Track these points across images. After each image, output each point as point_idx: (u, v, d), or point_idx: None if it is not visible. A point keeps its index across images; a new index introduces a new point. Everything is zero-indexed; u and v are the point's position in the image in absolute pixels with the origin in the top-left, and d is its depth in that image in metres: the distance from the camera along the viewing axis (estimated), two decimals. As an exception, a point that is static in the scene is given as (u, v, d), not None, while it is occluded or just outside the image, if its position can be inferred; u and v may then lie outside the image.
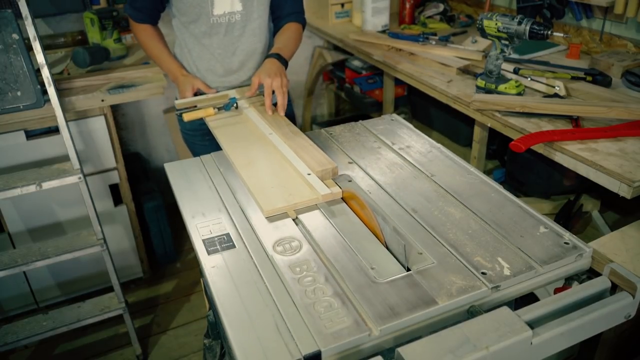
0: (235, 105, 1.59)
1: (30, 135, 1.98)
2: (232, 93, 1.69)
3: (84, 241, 1.89)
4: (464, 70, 2.00)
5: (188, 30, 1.66)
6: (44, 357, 2.13)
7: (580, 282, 1.02)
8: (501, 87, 1.72)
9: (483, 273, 0.95)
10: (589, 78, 1.78)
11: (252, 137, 1.44)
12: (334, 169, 1.24)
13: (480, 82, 1.77)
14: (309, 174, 1.23)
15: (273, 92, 1.54)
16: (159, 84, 2.03)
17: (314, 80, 3.08)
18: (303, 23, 1.81)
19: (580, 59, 2.04)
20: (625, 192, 1.29)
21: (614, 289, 1.00)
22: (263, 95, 1.56)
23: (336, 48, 2.89)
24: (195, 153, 1.75)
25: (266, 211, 1.13)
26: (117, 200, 2.24)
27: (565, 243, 1.03)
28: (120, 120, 2.69)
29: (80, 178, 1.80)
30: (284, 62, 1.66)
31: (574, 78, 1.80)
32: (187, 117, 1.54)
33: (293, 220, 1.12)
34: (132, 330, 2.05)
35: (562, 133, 1.45)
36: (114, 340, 2.19)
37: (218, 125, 1.51)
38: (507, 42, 1.66)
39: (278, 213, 1.14)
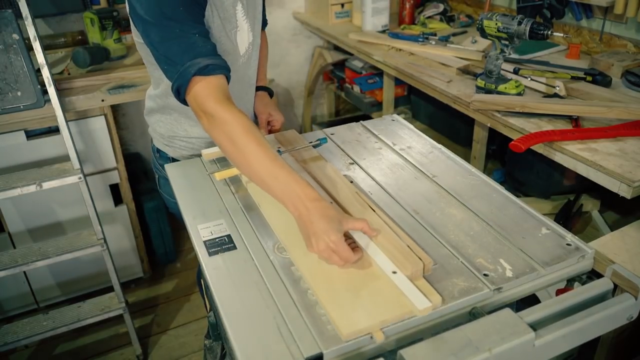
0: None
1: (31, 135, 1.98)
2: (273, 141, 1.37)
3: (84, 241, 1.89)
4: (464, 70, 2.00)
5: None
6: (44, 357, 2.13)
7: (582, 284, 1.02)
8: (501, 87, 1.71)
9: (485, 275, 0.95)
10: (589, 78, 1.78)
11: None
12: (428, 264, 0.93)
13: (480, 82, 1.77)
14: (394, 272, 0.91)
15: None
16: (159, 84, 2.03)
17: (314, 80, 3.08)
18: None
19: (580, 59, 2.04)
20: (625, 192, 1.29)
21: (614, 289, 1.00)
22: (311, 145, 1.34)
23: (336, 48, 2.89)
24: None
25: (346, 334, 0.81)
26: (117, 200, 2.24)
27: (567, 244, 1.03)
28: (120, 120, 2.69)
29: (80, 178, 1.80)
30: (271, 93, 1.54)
31: (573, 78, 1.80)
32: (220, 175, 1.22)
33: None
34: (132, 330, 2.05)
35: (562, 133, 1.45)
36: (114, 340, 2.19)
37: (260, 190, 1.08)
38: (507, 42, 1.66)
39: (361, 335, 0.83)
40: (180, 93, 1.10)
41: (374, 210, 1.07)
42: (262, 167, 1.00)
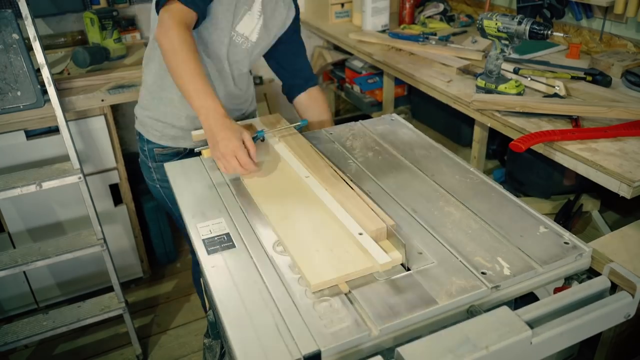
0: (262, 138, 1.38)
1: (30, 135, 1.98)
2: (258, 123, 1.47)
3: (84, 241, 1.89)
4: (464, 70, 2.00)
5: (201, 39, 1.42)
6: (44, 356, 2.13)
7: (580, 282, 1.02)
8: (501, 87, 1.71)
9: (483, 273, 0.95)
10: (589, 78, 1.78)
11: (285, 181, 1.23)
12: (391, 227, 1.03)
13: (480, 82, 1.77)
14: (360, 234, 1.02)
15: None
16: (159, 84, 2.03)
17: (314, 80, 3.08)
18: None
19: (580, 59, 2.04)
20: (625, 192, 1.29)
21: (613, 288, 1.00)
22: (292, 127, 1.45)
23: (336, 48, 2.90)
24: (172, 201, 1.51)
25: (314, 285, 0.92)
26: (117, 200, 2.24)
27: (565, 243, 1.03)
28: (120, 120, 2.69)
29: (80, 178, 1.80)
30: None
31: (574, 78, 1.80)
32: (208, 153, 1.27)
33: (346, 295, 0.92)
34: (132, 330, 2.05)
35: (562, 133, 1.45)
36: (114, 340, 2.19)
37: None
38: (507, 42, 1.66)
39: (327, 287, 0.94)
40: (159, 4, 1.28)
41: (348, 184, 1.19)
42: (190, 79, 1.21)
